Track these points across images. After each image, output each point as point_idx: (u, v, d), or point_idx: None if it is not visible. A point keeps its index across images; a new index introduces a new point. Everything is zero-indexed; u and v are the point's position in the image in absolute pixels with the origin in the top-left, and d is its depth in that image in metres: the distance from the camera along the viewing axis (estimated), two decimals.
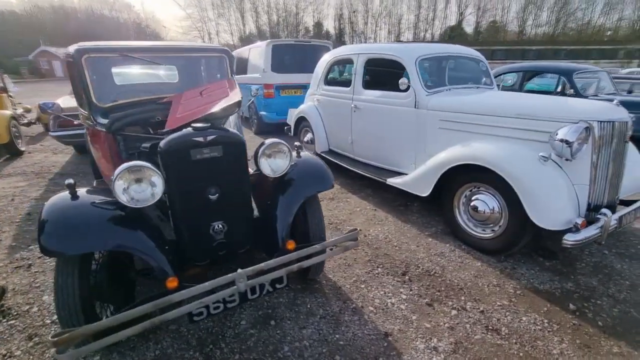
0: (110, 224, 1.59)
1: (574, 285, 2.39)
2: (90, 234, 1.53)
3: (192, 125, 1.78)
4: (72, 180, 1.65)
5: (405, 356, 1.82)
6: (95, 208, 1.60)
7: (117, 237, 1.57)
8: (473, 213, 2.78)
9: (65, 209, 1.58)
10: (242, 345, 1.90)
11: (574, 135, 2.32)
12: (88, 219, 1.56)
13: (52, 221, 1.52)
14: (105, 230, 1.56)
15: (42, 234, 1.47)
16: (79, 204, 1.62)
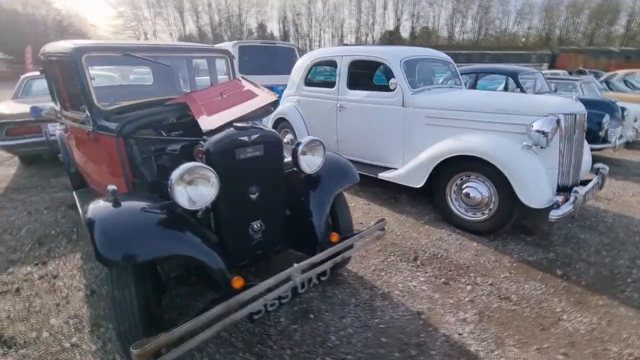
0: (167, 229, 1.53)
1: (554, 254, 2.79)
2: (151, 240, 1.46)
3: (235, 125, 1.78)
4: (114, 186, 1.55)
5: (442, 330, 2.01)
6: (147, 214, 1.53)
7: (176, 242, 1.52)
8: (465, 199, 3.10)
9: (116, 216, 1.49)
10: (290, 340, 1.93)
11: (549, 126, 2.72)
12: (144, 226, 1.49)
13: (107, 230, 1.43)
14: (165, 236, 1.51)
15: (101, 245, 1.37)
16: (128, 211, 1.53)
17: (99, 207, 1.54)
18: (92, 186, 2.85)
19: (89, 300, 2.23)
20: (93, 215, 1.50)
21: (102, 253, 1.36)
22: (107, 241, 1.39)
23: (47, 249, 2.86)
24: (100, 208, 1.53)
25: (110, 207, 1.53)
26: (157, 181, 2.13)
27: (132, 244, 1.42)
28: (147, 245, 1.44)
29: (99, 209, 1.53)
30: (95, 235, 1.40)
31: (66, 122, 2.67)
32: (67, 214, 3.52)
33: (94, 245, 1.38)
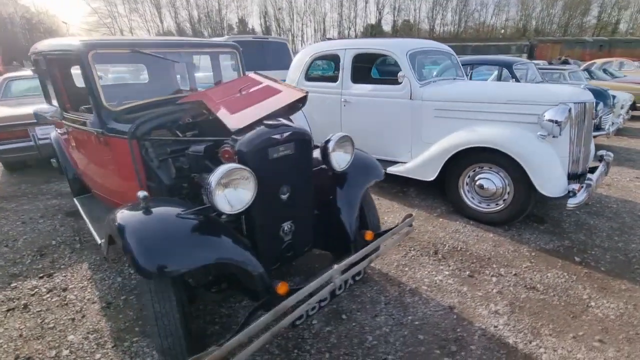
0: (206, 236, 1.44)
1: (569, 242, 2.84)
2: (192, 248, 1.37)
3: (265, 123, 1.70)
4: (145, 192, 1.44)
5: (477, 323, 2.00)
6: (183, 220, 1.43)
7: (217, 248, 1.43)
8: (479, 191, 3.10)
9: (151, 224, 1.39)
10: (327, 343, 1.87)
11: (562, 115, 2.74)
12: (183, 233, 1.39)
13: (145, 240, 1.33)
14: (205, 243, 1.42)
15: (141, 256, 1.27)
16: (162, 218, 1.43)
17: (130, 215, 1.43)
18: (97, 192, 2.70)
19: (107, 313, 2.11)
20: (125, 223, 1.39)
21: (143, 265, 1.26)
22: (146, 252, 1.29)
23: (50, 260, 2.69)
24: (132, 216, 1.43)
25: (143, 215, 1.43)
26: (175, 184, 2.02)
27: (174, 253, 1.32)
28: (189, 254, 1.34)
29: (131, 217, 1.42)
30: (132, 246, 1.30)
31: (67, 125, 2.50)
32: (65, 222, 3.34)
33: (132, 257, 1.28)
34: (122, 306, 2.17)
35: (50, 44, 2.39)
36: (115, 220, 1.44)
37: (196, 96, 2.26)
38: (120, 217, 1.44)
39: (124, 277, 2.46)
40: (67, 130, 2.56)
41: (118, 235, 1.37)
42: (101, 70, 2.96)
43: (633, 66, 13.69)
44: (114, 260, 2.67)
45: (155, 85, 3.27)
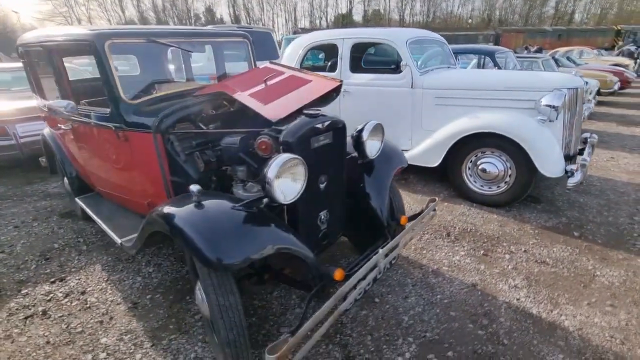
0: (263, 227, 1.43)
1: (566, 219, 3.06)
2: (254, 239, 1.36)
3: (305, 113, 1.70)
4: (198, 186, 1.41)
5: (500, 297, 2.13)
6: (239, 212, 1.41)
7: (275, 238, 1.43)
8: (482, 175, 3.25)
9: (210, 218, 1.37)
10: (366, 326, 1.93)
11: (559, 100, 2.92)
12: (243, 225, 1.38)
13: (209, 233, 1.31)
14: (264, 234, 1.41)
15: (208, 249, 1.26)
16: (219, 211, 1.42)
17: (186, 210, 1.40)
18: (106, 190, 2.59)
19: (136, 314, 2.05)
20: (184, 219, 1.37)
21: (211, 257, 1.25)
22: (214, 245, 1.28)
23: (57, 264, 2.56)
24: (189, 211, 1.40)
25: (199, 209, 1.40)
26: (202, 178, 1.98)
27: (239, 244, 1.31)
28: (253, 245, 1.34)
29: (188, 212, 1.39)
30: (197, 240, 1.28)
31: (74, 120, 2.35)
32: (63, 224, 3.16)
33: (198, 251, 1.27)
34: (150, 305, 2.12)
35: (48, 34, 2.24)
36: (169, 216, 1.40)
37: (216, 87, 2.21)
38: (174, 212, 1.41)
39: (143, 276, 2.40)
40: (72, 126, 2.41)
41: (177, 231, 1.34)
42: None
43: (592, 54, 14.61)
44: (127, 260, 2.58)
45: (147, 77, 3.14)
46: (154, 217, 1.53)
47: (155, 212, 1.52)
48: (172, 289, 2.26)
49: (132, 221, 2.37)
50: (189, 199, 1.46)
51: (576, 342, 1.81)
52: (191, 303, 2.12)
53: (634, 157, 4.71)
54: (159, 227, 1.50)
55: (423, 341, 1.83)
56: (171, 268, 2.47)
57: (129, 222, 2.38)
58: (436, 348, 1.79)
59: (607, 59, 14.07)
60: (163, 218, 1.44)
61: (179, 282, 2.32)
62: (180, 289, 2.26)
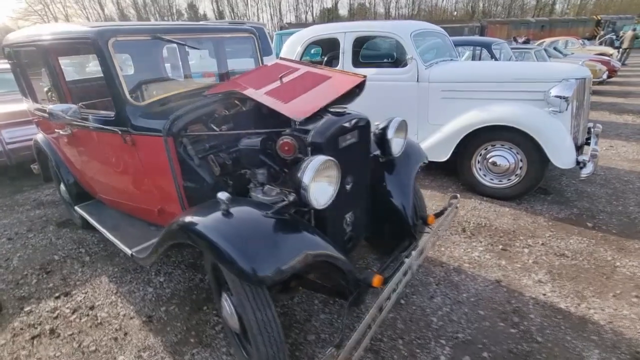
0: (298, 234, 1.35)
1: (577, 210, 3.06)
2: (290, 250, 1.27)
3: (330, 111, 1.61)
4: (226, 193, 1.31)
5: (526, 293, 2.10)
6: (271, 220, 1.32)
7: (311, 247, 1.34)
8: (492, 168, 3.22)
9: (243, 227, 1.28)
10: (395, 330, 1.87)
11: (569, 91, 2.90)
12: (276, 234, 1.29)
13: (244, 244, 1.21)
14: (299, 242, 1.32)
15: (246, 262, 1.16)
16: (251, 219, 1.32)
17: (213, 220, 1.30)
18: (108, 197, 2.45)
19: (152, 328, 1.95)
20: (211, 229, 1.27)
21: (250, 271, 1.15)
22: (250, 257, 1.18)
23: (60, 278, 2.42)
24: (215, 221, 1.30)
25: (226, 218, 1.30)
26: (217, 182, 1.87)
27: (277, 255, 1.22)
28: (290, 255, 1.25)
29: (215, 222, 1.30)
30: (232, 253, 1.18)
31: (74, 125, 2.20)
32: (61, 235, 3.00)
33: (235, 265, 1.17)
34: (166, 318, 2.01)
35: (42, 32, 2.07)
36: (197, 227, 1.30)
37: (226, 86, 2.09)
38: (202, 223, 1.31)
39: (154, 286, 2.28)
40: (71, 130, 2.26)
41: (209, 244, 1.24)
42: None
43: (577, 44, 14.85)
44: (135, 270, 2.46)
45: (143, 76, 2.98)
46: (177, 228, 1.42)
47: (177, 222, 1.42)
48: (188, 300, 2.15)
49: (140, 230, 2.25)
50: (214, 207, 1.36)
51: (609, 335, 1.79)
52: (210, 314, 2.02)
53: (631, 145, 4.77)
54: (183, 238, 1.40)
55: (456, 343, 1.78)
56: (183, 277, 2.36)
57: (136, 230, 2.25)
58: (470, 349, 1.74)
59: (591, 49, 14.31)
60: (189, 229, 1.33)
61: (194, 292, 2.21)
62: (195, 299, 2.16)
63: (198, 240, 1.30)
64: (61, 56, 2.19)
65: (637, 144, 4.84)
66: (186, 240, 1.38)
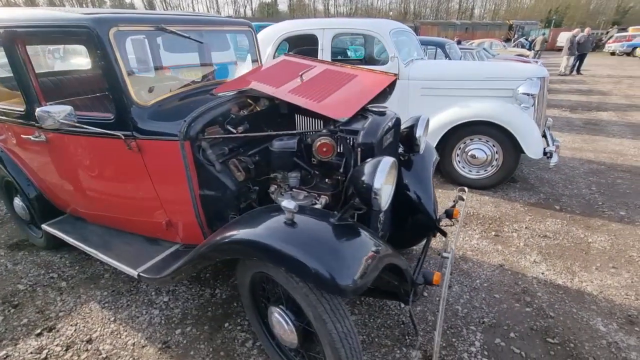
0: (366, 241, 1.28)
1: (543, 195, 3.43)
2: (364, 257, 1.21)
3: (372, 110, 1.58)
4: (293, 202, 1.21)
5: (528, 274, 2.30)
6: (340, 228, 1.25)
7: (380, 253, 1.30)
8: (471, 160, 3.46)
9: (318, 238, 1.19)
10: (427, 323, 1.92)
11: (536, 89, 3.22)
12: (348, 242, 1.22)
13: (323, 254, 1.13)
14: (369, 249, 1.27)
15: (328, 274, 1.08)
16: (321, 228, 1.24)
17: (279, 230, 1.20)
18: (96, 211, 2.13)
19: (172, 354, 1.74)
20: (281, 240, 1.17)
21: (334, 281, 1.07)
22: (331, 266, 1.11)
23: (35, 311, 2.04)
24: (282, 230, 1.20)
25: (292, 228, 1.21)
26: (241, 188, 1.74)
27: (356, 264, 1.16)
28: (367, 263, 1.19)
29: (282, 232, 1.19)
30: (310, 263, 1.10)
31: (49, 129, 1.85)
32: (17, 259, 2.53)
33: (318, 275, 1.09)
34: (185, 341, 1.82)
35: (13, 17, 1.71)
36: (263, 239, 1.18)
37: (237, 84, 1.94)
38: (266, 234, 1.19)
39: (159, 308, 2.04)
40: (45, 136, 1.90)
41: (280, 256, 1.14)
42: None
43: (500, 45, 16.60)
44: (130, 291, 2.18)
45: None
46: (228, 243, 1.28)
47: (227, 237, 1.28)
48: (203, 318, 1.97)
49: (137, 246, 2.00)
50: (269, 216, 1.27)
51: (604, 304, 2.05)
52: (234, 330, 1.88)
53: (566, 136, 5.49)
54: (239, 253, 1.27)
55: (484, 327, 1.89)
56: (190, 293, 2.15)
57: (133, 248, 1.99)
58: (499, 332, 1.87)
59: (512, 50, 16.12)
60: (252, 243, 1.21)
61: (207, 309, 2.03)
62: (212, 316, 1.98)
63: (265, 254, 1.19)
64: (31, 45, 1.82)
65: (570, 134, 5.58)
66: (243, 255, 1.26)
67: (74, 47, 4.10)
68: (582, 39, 13.03)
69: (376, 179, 1.24)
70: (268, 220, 1.28)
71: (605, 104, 7.98)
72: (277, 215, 1.29)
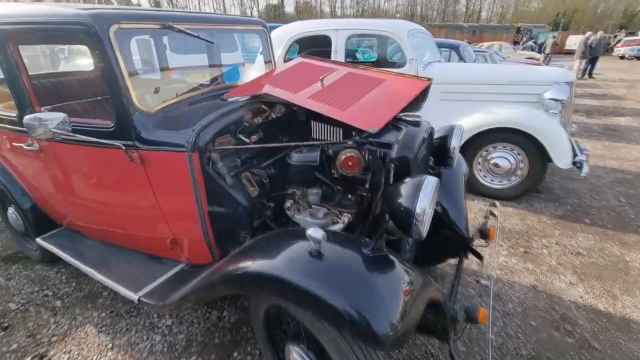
0: (404, 276, 1.08)
1: (570, 206, 3.22)
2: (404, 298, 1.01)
3: (406, 120, 1.40)
4: (321, 230, 1.03)
5: (564, 297, 2.10)
6: (375, 261, 1.06)
7: (422, 289, 1.10)
8: (494, 169, 3.26)
9: (344, 270, 1.00)
10: (460, 354, 1.73)
11: (565, 94, 3.02)
12: (387, 280, 1.03)
13: (360, 297, 0.93)
14: (414, 287, 1.07)
15: (361, 316, 0.89)
16: (353, 262, 1.05)
17: (301, 263, 1.02)
18: (94, 225, 1.96)
19: None
20: (304, 275, 0.98)
21: (379, 331, 0.89)
22: (371, 313, 0.92)
23: (26, 334, 1.87)
24: (305, 263, 1.01)
25: (318, 260, 1.02)
26: (254, 205, 1.56)
27: (397, 307, 0.96)
28: (410, 305, 1.00)
29: (306, 265, 1.01)
30: (342, 307, 0.91)
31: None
32: (11, 273, 2.36)
33: (355, 325, 0.90)
34: None
35: (4, 13, 1.54)
36: (282, 273, 1.00)
37: (251, 88, 1.76)
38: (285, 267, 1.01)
39: (162, 333, 1.86)
40: (39, 145, 1.73)
41: (305, 296, 0.95)
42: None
43: (510, 48, 16.36)
44: (130, 313, 2.00)
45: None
46: (240, 275, 1.10)
47: (239, 268, 1.10)
48: (210, 345, 1.78)
49: (139, 265, 1.82)
50: (285, 243, 1.09)
51: None
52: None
53: (586, 141, 5.26)
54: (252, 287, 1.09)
55: None
56: (195, 316, 1.97)
57: (134, 267, 1.82)
58: None
59: (521, 53, 15.87)
60: (269, 277, 1.02)
61: (214, 335, 1.85)
62: (219, 343, 1.80)
63: (288, 293, 1.00)
64: (23, 44, 1.65)
65: (589, 140, 5.36)
66: (260, 291, 1.07)
67: (78, 47, 3.96)
68: (595, 42, 12.75)
69: (418, 203, 1.05)
70: (289, 250, 1.09)
71: (621, 108, 7.73)
72: (300, 242, 1.10)
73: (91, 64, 2.81)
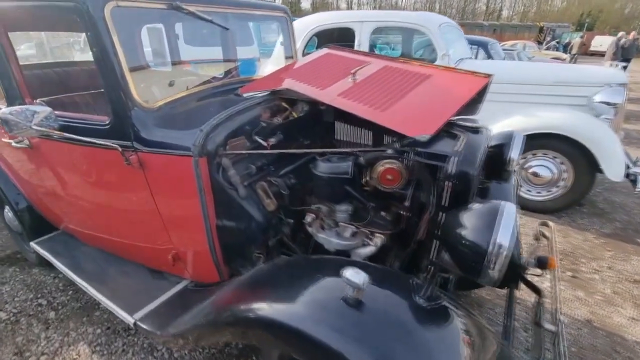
0: (472, 334, 0.84)
1: (619, 223, 2.88)
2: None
3: (464, 125, 1.13)
4: (362, 272, 0.77)
5: (626, 336, 1.80)
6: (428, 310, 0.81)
7: (490, 347, 0.85)
8: (532, 179, 2.94)
9: (389, 326, 0.76)
10: None
11: (620, 98, 2.68)
12: (447, 337, 0.79)
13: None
14: (478, 344, 0.82)
15: None
16: (397, 311, 0.80)
17: (339, 318, 0.77)
18: (88, 231, 1.75)
19: None
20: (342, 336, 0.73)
21: None
22: None
23: (14, 351, 1.68)
24: (345, 319, 0.76)
25: (357, 312, 0.78)
26: (270, 222, 1.31)
27: None
28: None
29: (345, 322, 0.76)
30: None
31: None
32: (6, 276, 2.19)
33: None
34: None
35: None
36: (315, 334, 0.75)
37: (267, 83, 1.52)
38: (323, 324, 0.76)
39: (160, 357, 1.65)
40: (30, 142, 1.53)
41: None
42: None
43: (534, 47, 15.70)
44: (127, 331, 1.79)
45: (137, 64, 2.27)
46: (254, 321, 0.86)
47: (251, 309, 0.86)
48: None
49: (138, 280, 1.61)
50: (314, 282, 0.83)
51: None
52: None
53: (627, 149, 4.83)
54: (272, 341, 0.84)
55: None
56: None
57: (133, 282, 1.61)
58: None
59: (546, 53, 15.21)
60: (294, 333, 0.78)
61: None
62: None
63: (314, 355, 0.75)
64: (13, 31, 1.45)
65: (630, 147, 4.92)
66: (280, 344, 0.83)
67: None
68: (627, 43, 12.06)
69: (497, 239, 0.78)
70: (319, 290, 0.84)
71: None
72: (333, 282, 0.85)
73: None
